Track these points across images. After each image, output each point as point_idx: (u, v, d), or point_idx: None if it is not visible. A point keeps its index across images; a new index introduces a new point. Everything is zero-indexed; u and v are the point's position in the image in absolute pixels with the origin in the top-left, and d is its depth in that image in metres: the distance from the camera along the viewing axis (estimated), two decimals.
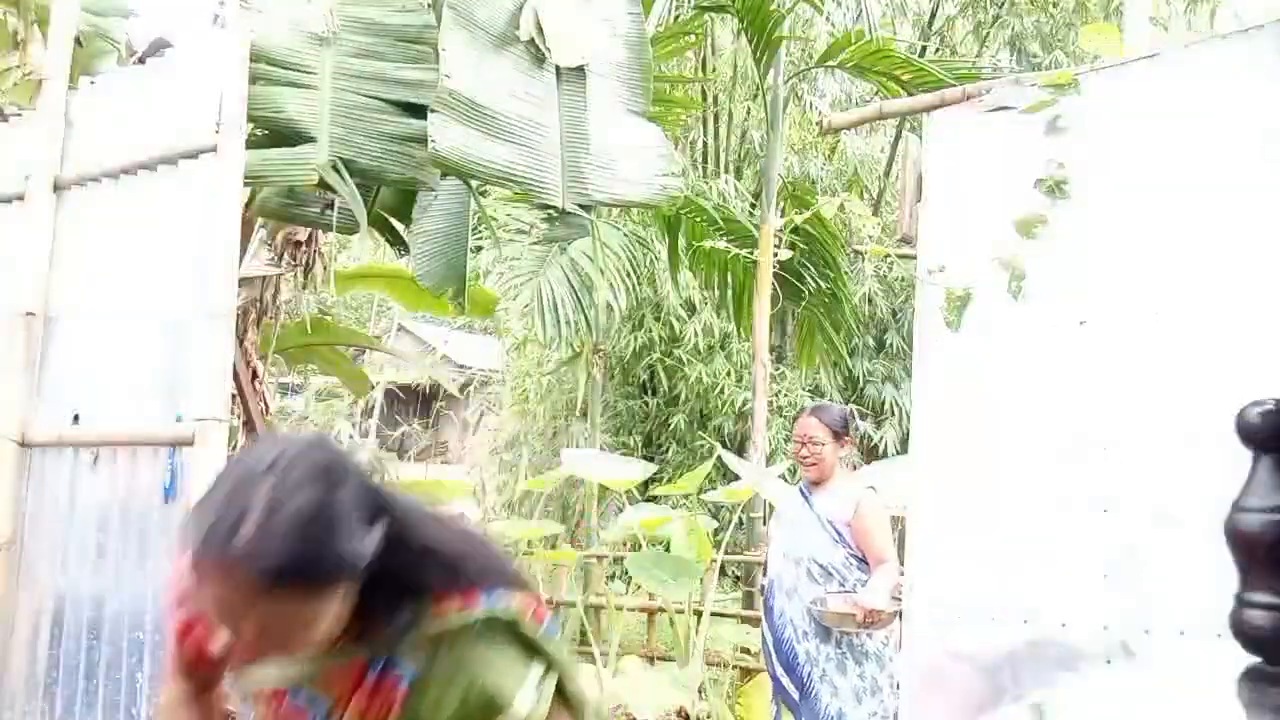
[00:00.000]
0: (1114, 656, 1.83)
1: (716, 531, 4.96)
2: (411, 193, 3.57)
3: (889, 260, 8.57)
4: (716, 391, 8.73)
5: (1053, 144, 2.09)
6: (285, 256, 4.59)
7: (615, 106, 3.38)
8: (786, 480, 5.06)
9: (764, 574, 3.37)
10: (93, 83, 2.60)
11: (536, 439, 9.32)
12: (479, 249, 5.87)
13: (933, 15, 10.14)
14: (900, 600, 2.74)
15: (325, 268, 4.89)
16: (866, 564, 3.01)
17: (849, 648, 2.93)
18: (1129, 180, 2.00)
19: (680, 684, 3.96)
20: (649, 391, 9.32)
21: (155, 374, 2.26)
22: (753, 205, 7.76)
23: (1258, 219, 1.82)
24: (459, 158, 2.89)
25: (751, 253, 5.67)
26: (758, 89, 7.47)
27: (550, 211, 3.27)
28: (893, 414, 9.32)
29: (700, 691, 4.12)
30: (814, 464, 3.11)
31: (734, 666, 4.80)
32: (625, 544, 5.86)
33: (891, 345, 9.66)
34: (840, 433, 3.14)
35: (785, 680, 3.03)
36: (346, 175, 2.94)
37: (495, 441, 10.30)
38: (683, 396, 8.88)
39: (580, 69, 3.24)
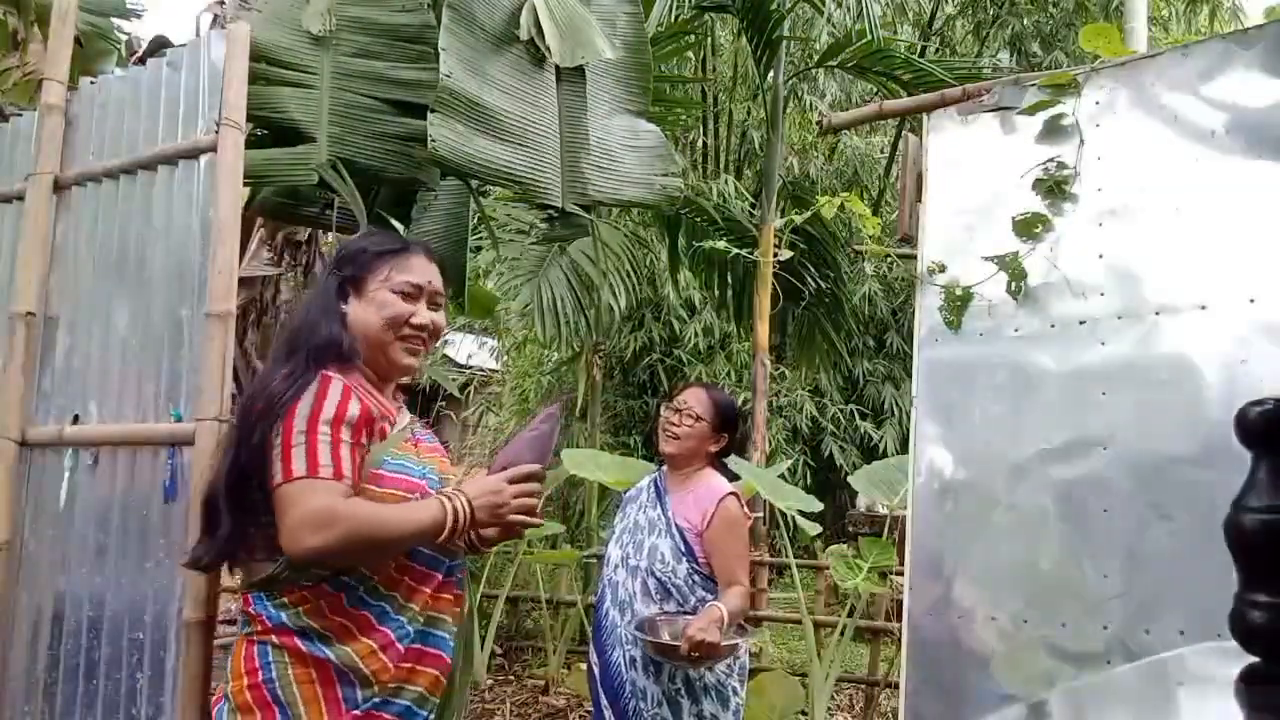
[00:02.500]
0: (1114, 656, 1.83)
1: None
2: (411, 193, 3.57)
3: (889, 260, 8.57)
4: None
5: (1053, 144, 2.10)
6: (285, 256, 4.60)
7: (615, 106, 3.38)
8: (786, 480, 5.05)
9: (599, 575, 2.81)
10: (93, 83, 2.60)
11: None
12: (479, 249, 5.87)
13: (933, 15, 10.13)
14: (745, 629, 2.42)
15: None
16: (712, 581, 2.51)
17: (684, 681, 2.43)
18: (1129, 180, 2.00)
19: None
20: (649, 391, 9.31)
21: (155, 374, 2.26)
22: (753, 205, 7.75)
23: (1257, 219, 1.82)
24: (459, 158, 2.89)
25: (751, 253, 5.67)
26: (758, 89, 7.47)
27: (550, 211, 3.27)
28: (893, 414, 9.31)
29: None
30: (676, 438, 2.61)
31: None
32: None
33: (891, 345, 9.66)
34: (723, 423, 2.66)
35: (609, 714, 2.50)
36: (346, 175, 2.94)
37: (495, 441, 10.30)
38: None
39: (580, 69, 3.24)
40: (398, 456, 1.53)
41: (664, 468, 2.76)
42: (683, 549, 2.53)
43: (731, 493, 2.59)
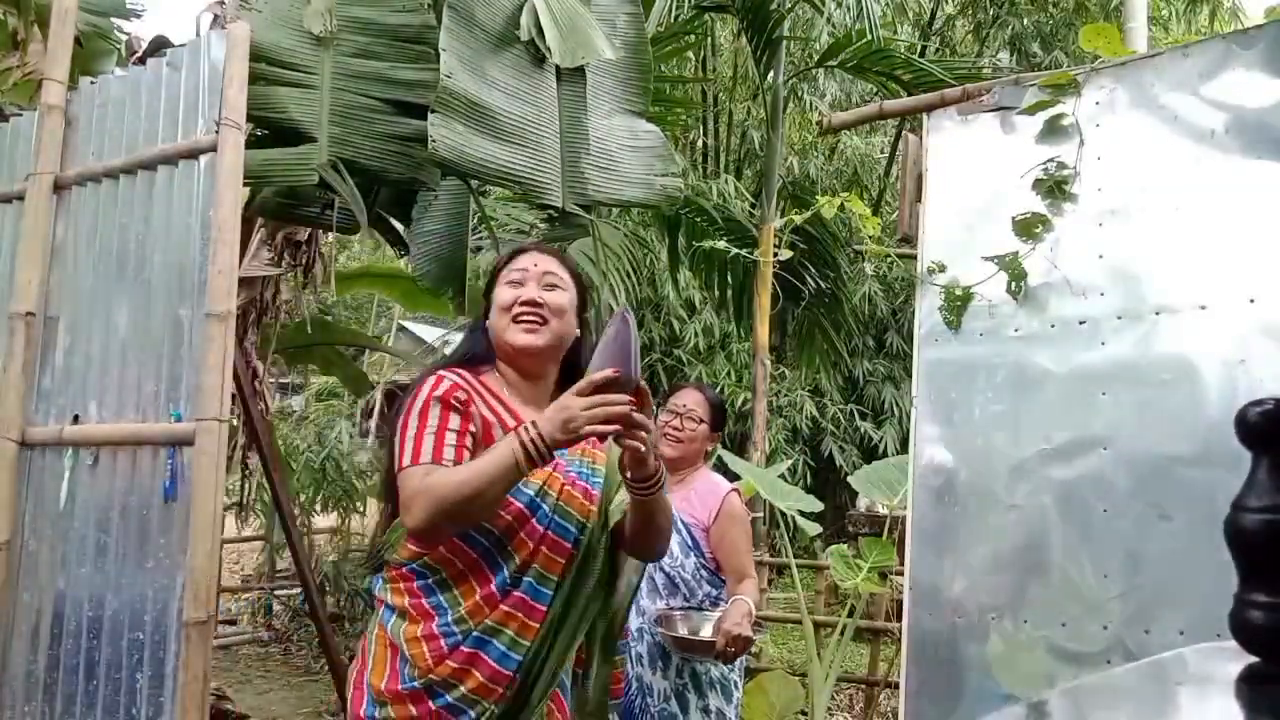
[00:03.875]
0: (1114, 656, 1.83)
1: None
2: (411, 193, 3.57)
3: (889, 260, 8.56)
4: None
5: (1053, 144, 2.10)
6: (285, 256, 4.59)
7: (615, 106, 3.38)
8: (786, 480, 5.05)
9: None
10: (93, 83, 2.60)
11: None
12: (479, 249, 5.86)
13: (933, 15, 10.13)
14: (759, 623, 2.44)
15: (325, 268, 4.89)
16: (718, 576, 2.57)
17: (690, 676, 2.47)
18: (1129, 180, 2.00)
19: None
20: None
21: (155, 374, 2.26)
22: (753, 205, 7.75)
23: (1257, 219, 1.82)
24: (459, 158, 2.89)
25: (751, 253, 5.67)
26: (758, 89, 7.47)
27: (550, 211, 3.27)
28: (893, 414, 9.31)
29: None
30: (680, 441, 2.63)
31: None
32: None
33: (891, 345, 9.66)
34: (718, 422, 2.72)
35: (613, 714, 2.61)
36: (346, 175, 2.94)
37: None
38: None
39: (580, 69, 3.24)
40: None
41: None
42: (690, 544, 2.56)
43: (734, 489, 2.64)
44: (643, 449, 1.46)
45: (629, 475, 1.53)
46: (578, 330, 1.71)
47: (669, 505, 1.65)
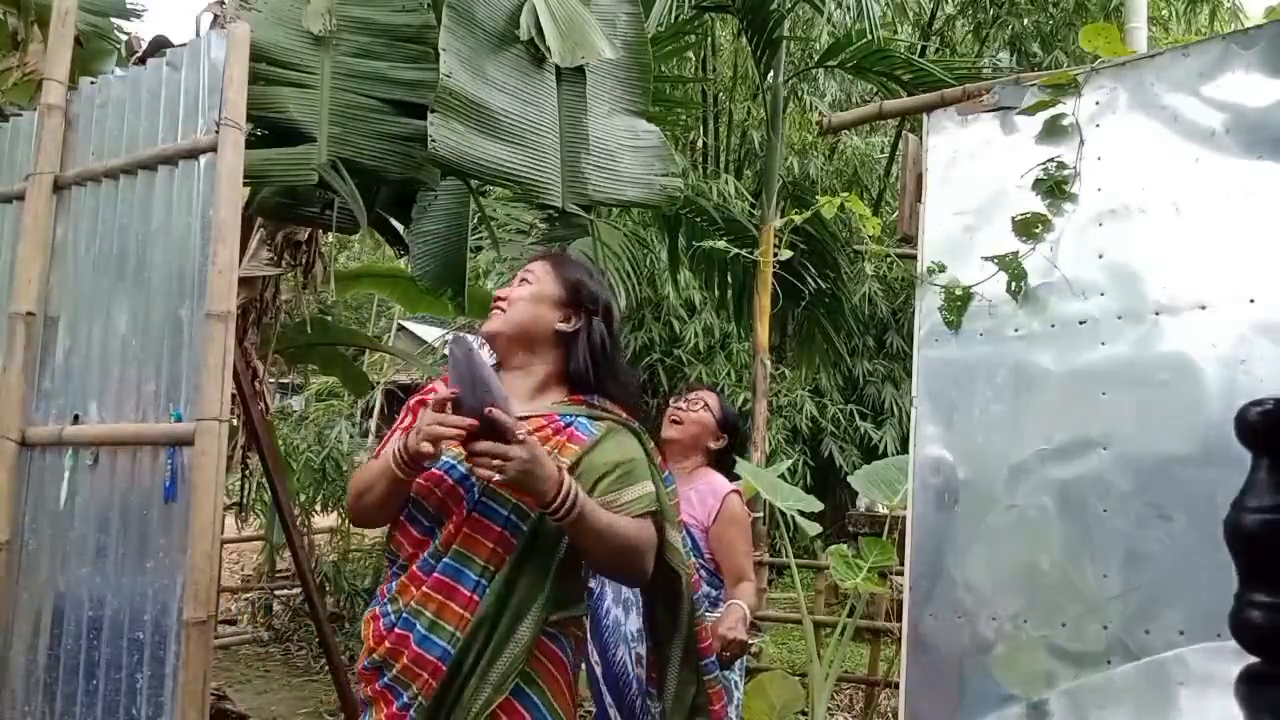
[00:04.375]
0: (1114, 656, 1.83)
1: None
2: (411, 193, 3.57)
3: (889, 260, 8.56)
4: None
5: (1053, 144, 2.10)
6: (285, 256, 4.59)
7: (615, 106, 3.38)
8: (786, 480, 5.05)
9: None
10: (93, 83, 2.60)
11: None
12: (479, 249, 5.86)
13: (933, 15, 10.13)
14: (756, 626, 2.43)
15: (325, 268, 4.88)
16: (717, 577, 2.55)
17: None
18: (1129, 180, 2.00)
19: None
20: (649, 391, 9.30)
21: (155, 374, 2.26)
22: (753, 205, 7.75)
23: (1257, 219, 1.82)
24: (459, 158, 2.89)
25: (751, 253, 5.67)
26: (758, 89, 7.47)
27: (550, 211, 3.27)
28: (893, 414, 9.31)
29: None
30: (679, 423, 2.65)
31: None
32: None
33: (891, 345, 9.66)
34: (725, 425, 2.71)
35: (615, 713, 2.47)
36: (346, 175, 2.93)
37: None
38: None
39: (580, 69, 3.24)
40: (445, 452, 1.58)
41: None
42: (689, 545, 2.53)
43: (734, 490, 2.62)
44: (493, 476, 1.46)
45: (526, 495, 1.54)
46: (559, 324, 1.72)
47: (618, 537, 1.58)
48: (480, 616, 1.54)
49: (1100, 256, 2.00)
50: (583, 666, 2.03)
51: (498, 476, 1.46)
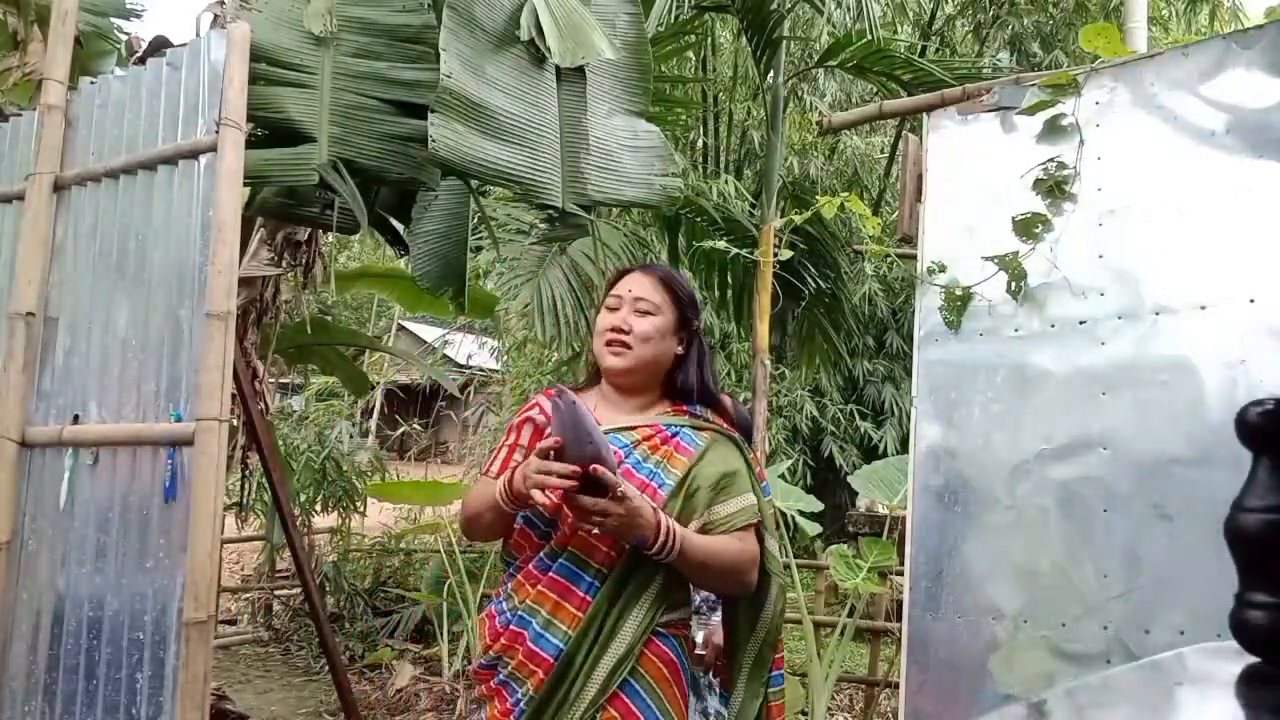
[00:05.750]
0: (1114, 656, 1.83)
1: None
2: (411, 193, 3.56)
3: (889, 260, 8.56)
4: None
5: (1053, 144, 2.10)
6: (285, 256, 4.59)
7: (615, 106, 3.38)
8: (786, 480, 5.05)
9: None
10: (93, 83, 2.60)
11: None
12: (479, 249, 5.86)
13: (933, 15, 10.13)
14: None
15: (325, 268, 4.88)
16: None
17: (690, 685, 2.52)
18: (1129, 180, 2.00)
19: None
20: None
21: (155, 374, 2.26)
22: (753, 205, 7.75)
23: (1257, 219, 1.82)
24: (459, 158, 2.88)
25: (751, 253, 5.67)
26: (758, 89, 7.47)
27: (550, 211, 3.26)
28: (893, 414, 9.31)
29: None
30: None
31: None
32: None
33: (891, 345, 9.66)
34: (740, 429, 2.74)
35: None
36: (346, 175, 2.93)
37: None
38: None
39: (580, 69, 3.24)
40: None
41: None
42: None
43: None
44: (594, 529, 1.55)
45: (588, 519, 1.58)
46: (677, 348, 1.80)
47: (719, 561, 1.66)
48: (590, 615, 1.60)
49: (1100, 256, 2.00)
50: None
51: (597, 530, 1.56)
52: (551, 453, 1.54)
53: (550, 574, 1.64)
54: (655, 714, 1.62)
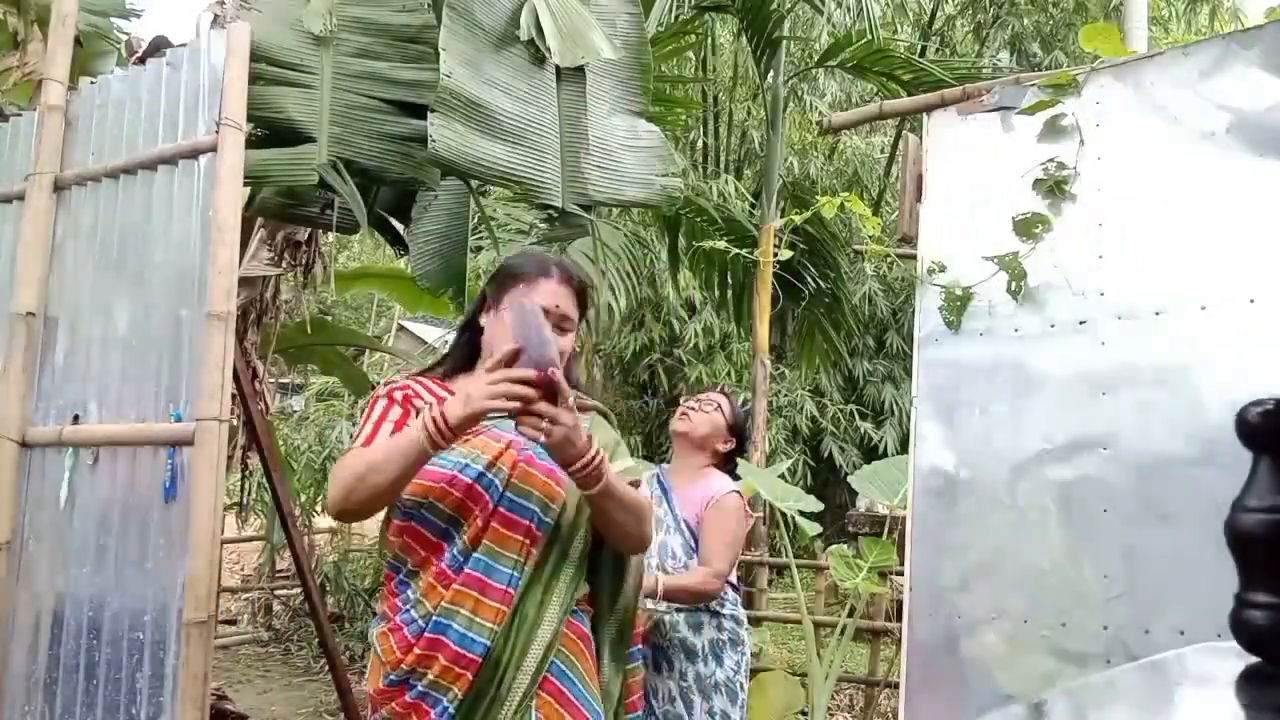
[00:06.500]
0: (1114, 656, 1.83)
1: None
2: (411, 193, 3.56)
3: (889, 260, 8.57)
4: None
5: (1053, 144, 2.10)
6: (285, 256, 4.59)
7: (615, 106, 3.38)
8: (786, 480, 5.04)
9: None
10: (93, 83, 2.60)
11: None
12: (479, 249, 5.86)
13: (933, 15, 10.13)
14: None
15: (325, 268, 4.88)
16: None
17: (695, 679, 2.49)
18: (1129, 180, 2.00)
19: None
20: (649, 391, 9.31)
21: (155, 374, 2.26)
22: (753, 205, 7.75)
23: (1257, 219, 1.82)
24: (459, 158, 2.88)
25: (751, 253, 5.67)
26: (758, 89, 7.47)
27: (550, 211, 3.26)
28: (893, 414, 9.31)
29: None
30: (688, 417, 2.71)
31: None
32: None
33: (891, 345, 9.66)
34: (735, 426, 2.76)
35: None
36: (346, 175, 2.93)
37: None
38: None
39: (580, 69, 3.24)
40: (448, 452, 1.57)
41: (664, 465, 2.84)
42: (691, 545, 2.58)
43: (735, 490, 2.66)
44: (540, 437, 1.46)
45: (558, 460, 1.54)
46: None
47: (630, 502, 1.63)
48: (514, 606, 1.57)
49: (1100, 257, 2.00)
50: None
51: (543, 438, 1.47)
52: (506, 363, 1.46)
53: (466, 571, 1.57)
54: (580, 689, 1.62)
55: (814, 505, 4.04)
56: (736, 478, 2.86)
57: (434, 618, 1.56)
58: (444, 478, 1.59)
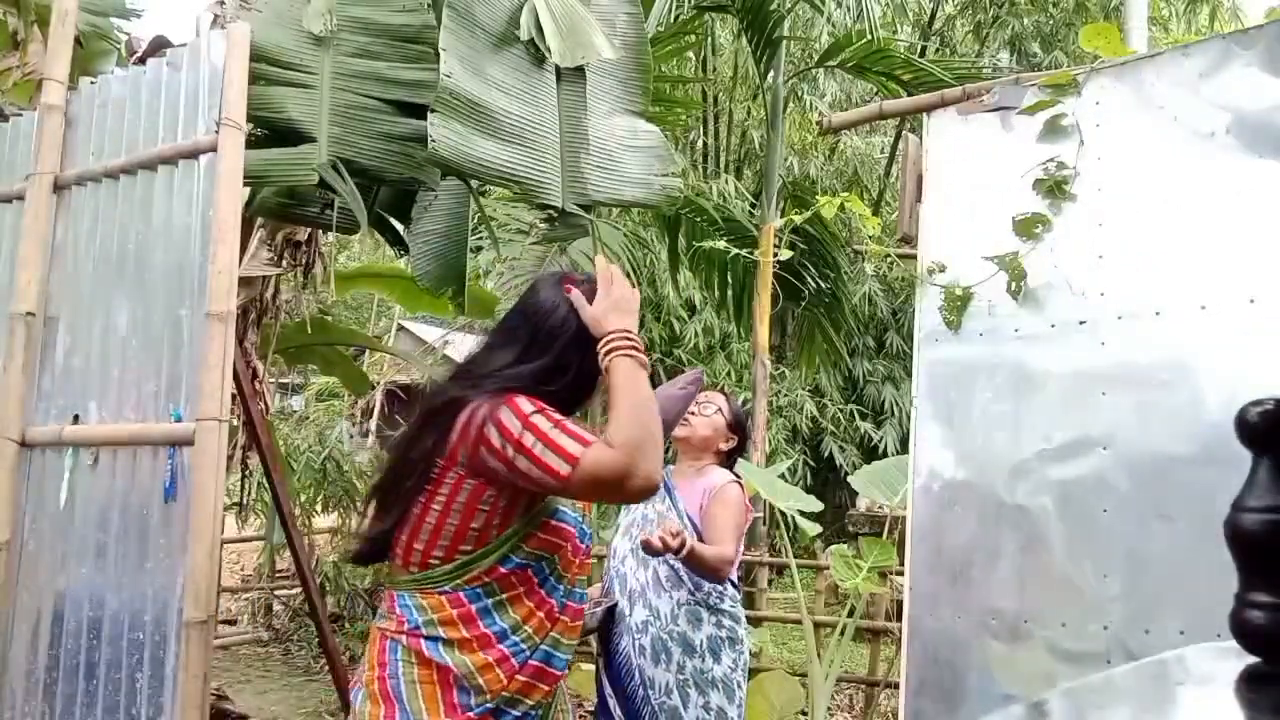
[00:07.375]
0: (1114, 656, 1.83)
1: None
2: (411, 193, 3.56)
3: (889, 260, 8.57)
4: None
5: (1052, 144, 2.10)
6: (285, 256, 4.59)
7: (615, 106, 3.38)
8: (786, 480, 5.05)
9: (605, 570, 2.87)
10: (93, 83, 2.60)
11: None
12: (479, 249, 5.86)
13: (933, 15, 10.14)
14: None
15: (325, 268, 4.89)
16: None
17: (693, 674, 2.52)
18: (1129, 180, 2.00)
19: None
20: None
21: (155, 374, 2.26)
22: (753, 205, 7.76)
23: (1257, 219, 1.82)
24: (459, 158, 2.88)
25: (751, 253, 5.67)
26: (758, 89, 7.47)
27: (550, 211, 3.26)
28: (893, 414, 9.32)
29: None
30: (688, 422, 2.74)
31: None
32: None
33: (891, 345, 9.67)
34: (735, 425, 2.83)
35: (615, 704, 2.55)
36: (346, 175, 2.93)
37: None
38: None
39: (580, 69, 3.24)
40: (569, 508, 1.67)
41: (669, 468, 2.86)
42: (698, 538, 2.61)
43: (735, 480, 2.74)
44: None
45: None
46: None
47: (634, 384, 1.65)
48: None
49: (1100, 257, 2.00)
50: (584, 667, 2.12)
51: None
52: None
53: (572, 604, 1.67)
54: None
55: (814, 505, 4.04)
56: (736, 475, 2.88)
57: (541, 647, 1.60)
58: (569, 535, 1.65)
